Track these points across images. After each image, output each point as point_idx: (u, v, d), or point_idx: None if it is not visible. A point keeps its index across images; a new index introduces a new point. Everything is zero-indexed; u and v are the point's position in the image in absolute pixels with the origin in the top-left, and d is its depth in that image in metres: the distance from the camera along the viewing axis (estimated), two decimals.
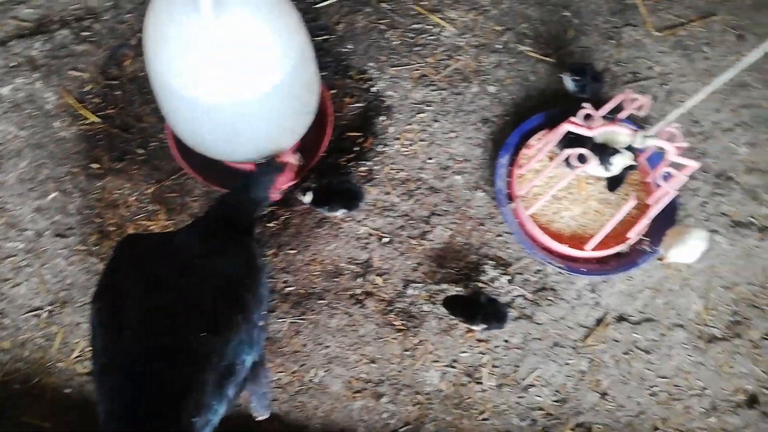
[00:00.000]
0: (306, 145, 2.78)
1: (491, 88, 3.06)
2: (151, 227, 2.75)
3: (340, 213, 2.67)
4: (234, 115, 2.11)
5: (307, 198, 2.61)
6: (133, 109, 2.97)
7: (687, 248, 2.51)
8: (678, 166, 2.47)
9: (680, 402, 2.65)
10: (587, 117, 2.52)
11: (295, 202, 2.75)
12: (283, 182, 2.41)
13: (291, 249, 2.72)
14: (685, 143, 2.48)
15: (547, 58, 3.11)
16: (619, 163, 2.52)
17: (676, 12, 3.25)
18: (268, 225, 2.76)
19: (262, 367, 2.13)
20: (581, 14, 3.21)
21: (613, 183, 2.65)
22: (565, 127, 2.50)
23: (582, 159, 2.47)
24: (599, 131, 2.46)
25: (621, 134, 2.41)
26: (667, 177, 2.49)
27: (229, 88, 2.00)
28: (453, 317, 2.62)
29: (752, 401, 2.67)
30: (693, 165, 2.40)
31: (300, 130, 2.48)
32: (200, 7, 1.80)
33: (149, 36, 1.97)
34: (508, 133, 2.90)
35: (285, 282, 2.68)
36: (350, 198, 2.65)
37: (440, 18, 3.14)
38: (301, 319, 2.63)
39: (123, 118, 2.95)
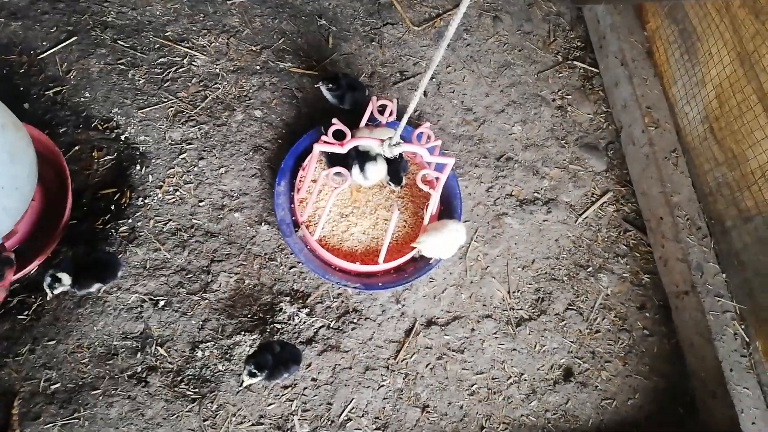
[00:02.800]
0: (48, 217, 2.42)
1: (257, 113, 2.86)
2: None
3: (94, 288, 2.33)
4: None
5: (65, 281, 2.21)
6: None
7: (438, 243, 2.44)
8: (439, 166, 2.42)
9: (500, 394, 2.61)
10: (338, 133, 2.39)
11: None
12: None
13: (50, 340, 2.34)
14: (438, 141, 2.43)
15: (311, 71, 2.97)
16: (374, 170, 2.41)
17: (431, 4, 3.24)
18: (19, 317, 2.36)
19: None
20: (338, 20, 3.10)
21: (395, 179, 2.53)
22: (316, 148, 2.35)
23: (340, 176, 2.33)
24: (354, 144, 2.34)
25: (375, 145, 2.29)
26: (430, 179, 2.42)
27: None
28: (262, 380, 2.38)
29: (567, 374, 2.70)
30: (450, 162, 2.35)
31: (15, 206, 2.11)
32: None
33: None
34: (283, 158, 2.72)
35: (48, 380, 2.30)
36: (101, 268, 2.31)
37: (188, 47, 2.89)
38: (74, 418, 2.26)
39: None
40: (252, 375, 2.26)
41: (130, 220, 2.55)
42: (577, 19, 3.42)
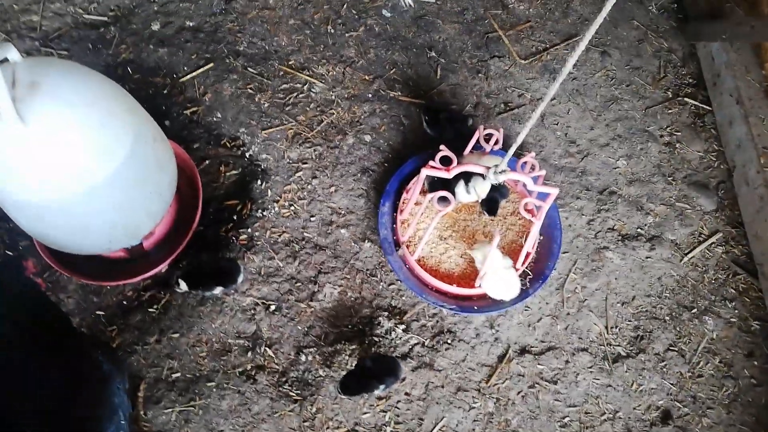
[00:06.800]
0: (179, 222, 2.71)
1: (367, 137, 3.04)
2: None
3: (217, 291, 2.57)
4: (67, 212, 2.02)
5: (182, 286, 2.51)
6: None
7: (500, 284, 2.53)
8: (542, 195, 2.47)
9: (593, 429, 2.58)
10: (444, 159, 2.50)
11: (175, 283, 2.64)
12: None
13: (174, 333, 2.60)
14: (542, 171, 2.49)
15: (418, 100, 3.13)
16: (480, 186, 2.49)
17: (538, 38, 3.32)
18: (149, 310, 2.63)
19: None
20: (447, 53, 3.25)
21: (490, 208, 2.60)
22: (424, 172, 2.48)
23: (444, 201, 2.44)
24: (460, 170, 2.44)
25: (479, 171, 2.38)
26: (531, 208, 2.48)
27: (53, 187, 1.92)
28: (355, 396, 2.52)
29: (665, 417, 2.62)
30: (553, 192, 2.40)
31: (157, 210, 2.39)
32: (2, 117, 1.73)
33: None
34: (389, 180, 2.88)
35: (170, 369, 2.54)
36: (224, 275, 2.55)
37: (308, 75, 3.14)
38: (190, 406, 2.49)
39: None
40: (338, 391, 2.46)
41: (249, 230, 2.79)
42: (689, 56, 3.37)
